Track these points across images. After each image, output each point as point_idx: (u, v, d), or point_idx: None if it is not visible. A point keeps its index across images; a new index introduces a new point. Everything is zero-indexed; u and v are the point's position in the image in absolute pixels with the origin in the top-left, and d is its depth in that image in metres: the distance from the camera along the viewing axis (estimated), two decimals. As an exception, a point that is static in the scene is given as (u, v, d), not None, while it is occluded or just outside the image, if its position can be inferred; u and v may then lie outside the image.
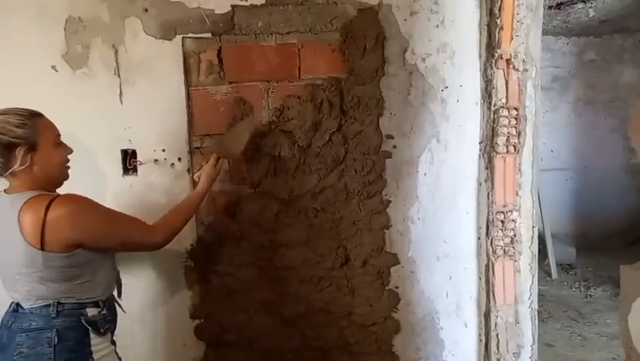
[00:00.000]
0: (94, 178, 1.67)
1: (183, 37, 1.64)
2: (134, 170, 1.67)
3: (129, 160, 1.67)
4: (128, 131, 1.65)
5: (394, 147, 1.75)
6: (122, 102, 1.64)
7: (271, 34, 1.67)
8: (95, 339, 1.27)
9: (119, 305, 1.42)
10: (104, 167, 1.67)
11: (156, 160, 1.67)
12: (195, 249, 1.72)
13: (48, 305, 1.24)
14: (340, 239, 1.76)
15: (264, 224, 1.71)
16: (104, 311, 1.31)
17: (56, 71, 1.63)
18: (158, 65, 1.64)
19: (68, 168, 1.35)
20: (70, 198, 1.24)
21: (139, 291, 1.71)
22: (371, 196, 1.75)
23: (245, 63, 1.67)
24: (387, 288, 1.80)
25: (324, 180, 1.73)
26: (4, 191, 1.28)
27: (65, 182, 1.64)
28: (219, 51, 1.65)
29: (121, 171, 1.67)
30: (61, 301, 1.25)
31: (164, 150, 1.67)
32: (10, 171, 1.23)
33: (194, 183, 1.68)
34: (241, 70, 1.67)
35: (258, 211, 1.70)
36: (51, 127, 1.31)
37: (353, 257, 1.76)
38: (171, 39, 1.63)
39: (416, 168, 1.77)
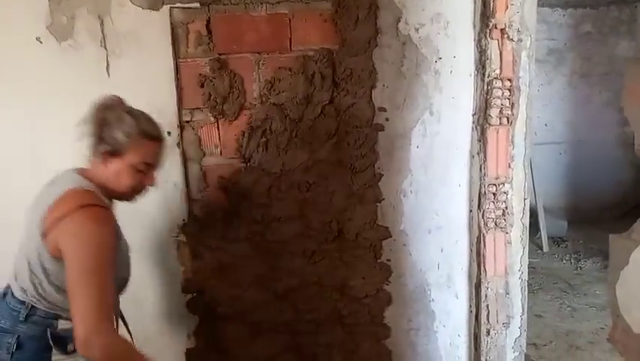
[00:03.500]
0: (82, 154, 1.64)
1: (171, 7, 1.59)
2: (124, 144, 1.65)
3: (118, 134, 1.64)
4: (116, 105, 1.62)
5: (387, 119, 1.73)
6: (109, 75, 1.61)
7: (261, 3, 1.62)
8: (56, 356, 1.17)
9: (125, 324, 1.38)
10: (93, 141, 1.64)
11: (146, 134, 1.65)
12: (187, 224, 1.71)
13: (22, 304, 1.18)
14: (333, 213, 1.76)
15: (256, 198, 1.70)
16: None
17: (41, 42, 1.58)
18: (145, 37, 1.60)
19: (136, 195, 1.31)
20: (95, 217, 1.15)
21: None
22: (363, 170, 1.75)
23: (234, 34, 1.63)
24: (379, 261, 1.81)
25: (317, 154, 1.72)
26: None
27: (56, 159, 1.63)
28: (208, 21, 1.61)
29: (110, 145, 1.65)
30: (35, 305, 1.18)
31: (153, 124, 1.65)
32: (90, 154, 1.24)
33: (185, 158, 1.67)
34: (231, 41, 1.63)
35: (250, 186, 1.70)
36: (149, 154, 1.26)
37: (345, 231, 1.77)
38: (158, 9, 1.59)
39: (409, 140, 1.75)
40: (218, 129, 1.68)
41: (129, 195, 1.29)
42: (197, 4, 1.60)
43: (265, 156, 1.69)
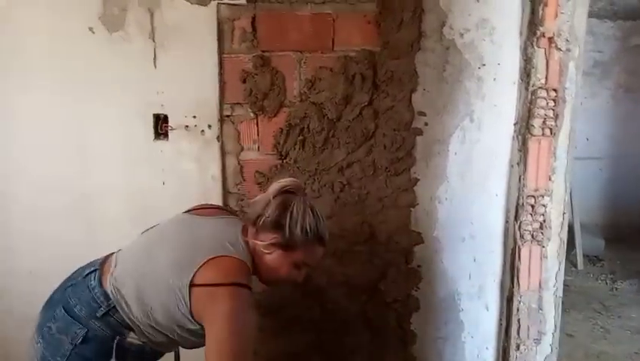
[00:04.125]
0: (126, 141, 1.69)
1: (218, 4, 1.63)
2: (166, 135, 1.69)
3: (161, 125, 1.68)
4: (160, 96, 1.67)
5: (426, 124, 1.72)
6: (155, 67, 1.65)
7: (307, 3, 1.64)
8: None
9: None
10: (136, 130, 1.68)
11: (187, 126, 1.68)
12: (221, 216, 1.73)
13: (107, 299, 1.12)
14: (365, 215, 1.75)
15: (291, 195, 1.71)
16: (145, 348, 1.17)
17: (93, 32, 1.64)
18: (192, 31, 1.63)
19: (277, 285, 1.32)
20: (247, 301, 1.10)
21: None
22: (399, 173, 1.73)
23: (278, 32, 1.65)
24: (409, 266, 1.79)
25: (352, 155, 1.71)
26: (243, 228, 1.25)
27: (101, 146, 1.69)
28: (253, 19, 1.64)
29: (153, 135, 1.69)
30: (116, 308, 1.12)
31: (194, 117, 1.68)
32: (259, 232, 1.20)
33: (224, 152, 1.70)
34: (274, 39, 1.65)
35: (285, 182, 1.71)
36: (315, 257, 1.26)
37: (377, 233, 1.76)
38: (206, 5, 1.62)
39: (447, 146, 1.73)
40: (257, 125, 1.70)
41: (271, 281, 1.29)
42: (244, 1, 1.63)
43: (301, 154, 1.70)
